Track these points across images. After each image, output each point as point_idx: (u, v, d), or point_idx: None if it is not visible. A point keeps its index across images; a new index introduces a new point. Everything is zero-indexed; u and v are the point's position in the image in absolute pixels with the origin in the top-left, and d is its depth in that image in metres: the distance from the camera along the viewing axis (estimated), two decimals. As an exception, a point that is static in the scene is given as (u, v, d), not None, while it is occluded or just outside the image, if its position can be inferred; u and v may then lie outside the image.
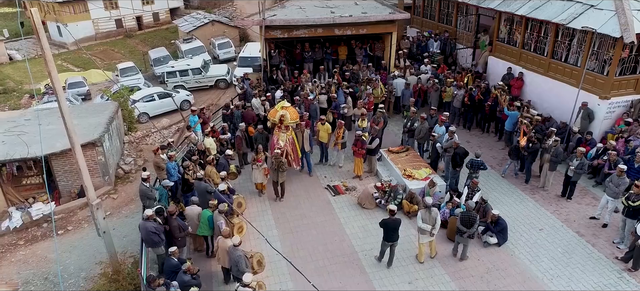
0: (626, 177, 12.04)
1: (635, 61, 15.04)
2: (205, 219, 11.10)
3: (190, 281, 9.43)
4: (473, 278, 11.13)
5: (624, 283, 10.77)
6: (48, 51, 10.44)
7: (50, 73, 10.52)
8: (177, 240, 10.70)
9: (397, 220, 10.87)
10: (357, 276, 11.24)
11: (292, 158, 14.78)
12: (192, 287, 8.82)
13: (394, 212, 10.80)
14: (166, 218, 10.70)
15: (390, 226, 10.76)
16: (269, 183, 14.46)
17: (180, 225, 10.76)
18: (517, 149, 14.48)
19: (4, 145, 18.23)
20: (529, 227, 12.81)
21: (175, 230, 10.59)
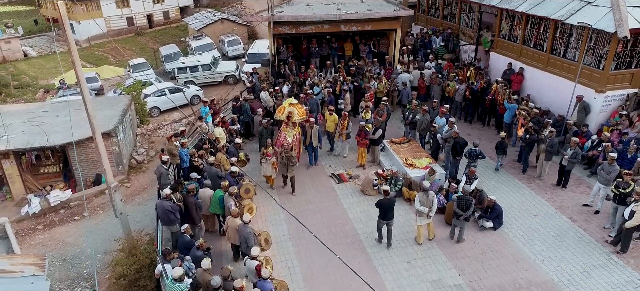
0: (616, 165, 12.57)
1: (630, 56, 15.57)
2: (216, 198, 11.83)
3: (202, 256, 10.13)
4: (469, 258, 11.75)
5: (611, 264, 11.34)
6: (72, 43, 11.14)
7: (74, 63, 11.21)
8: (193, 217, 11.42)
9: (392, 199, 11.59)
10: (359, 256, 11.90)
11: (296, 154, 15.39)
12: (204, 259, 9.50)
13: (388, 192, 11.53)
14: (184, 197, 11.42)
15: (385, 206, 11.48)
16: (278, 176, 15.11)
17: (196, 203, 11.48)
18: (503, 144, 14.98)
19: (24, 135, 19.07)
20: (524, 213, 13.42)
21: (192, 207, 11.33)
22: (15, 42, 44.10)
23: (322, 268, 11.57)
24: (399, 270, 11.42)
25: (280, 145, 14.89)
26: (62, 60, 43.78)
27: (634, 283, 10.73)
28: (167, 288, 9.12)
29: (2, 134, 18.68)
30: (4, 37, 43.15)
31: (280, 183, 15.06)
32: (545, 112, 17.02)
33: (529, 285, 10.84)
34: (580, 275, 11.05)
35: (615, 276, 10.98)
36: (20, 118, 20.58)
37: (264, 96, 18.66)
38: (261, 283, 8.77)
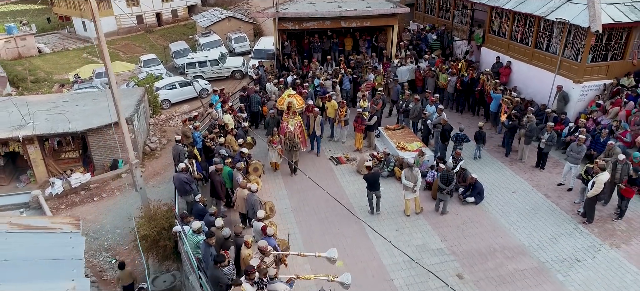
0: (584, 145, 13.97)
1: (606, 49, 16.94)
2: (225, 174, 13.31)
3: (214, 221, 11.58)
4: (451, 227, 13.18)
5: (577, 232, 12.74)
6: (102, 36, 12.63)
7: (104, 55, 12.70)
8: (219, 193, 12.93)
9: (376, 173, 13.20)
10: (353, 225, 13.35)
11: (300, 140, 16.80)
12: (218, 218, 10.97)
13: (371, 168, 13.20)
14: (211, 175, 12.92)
15: (370, 179, 13.18)
16: (284, 162, 16.51)
17: (222, 181, 12.97)
18: (481, 134, 16.32)
19: (48, 122, 20.63)
20: (503, 190, 14.82)
21: (217, 185, 12.84)
22: (30, 39, 45.82)
23: (320, 235, 13.02)
24: (388, 236, 12.80)
25: (283, 133, 16.30)
26: (74, 56, 45.68)
27: (595, 247, 12.13)
28: (188, 240, 10.61)
29: (28, 121, 20.21)
30: (19, 34, 44.85)
31: (287, 169, 16.40)
32: (529, 101, 18.41)
33: (503, 249, 12.25)
34: (548, 241, 12.46)
35: (580, 241, 12.38)
36: (43, 108, 22.14)
37: (269, 87, 20.12)
38: (266, 239, 10.20)
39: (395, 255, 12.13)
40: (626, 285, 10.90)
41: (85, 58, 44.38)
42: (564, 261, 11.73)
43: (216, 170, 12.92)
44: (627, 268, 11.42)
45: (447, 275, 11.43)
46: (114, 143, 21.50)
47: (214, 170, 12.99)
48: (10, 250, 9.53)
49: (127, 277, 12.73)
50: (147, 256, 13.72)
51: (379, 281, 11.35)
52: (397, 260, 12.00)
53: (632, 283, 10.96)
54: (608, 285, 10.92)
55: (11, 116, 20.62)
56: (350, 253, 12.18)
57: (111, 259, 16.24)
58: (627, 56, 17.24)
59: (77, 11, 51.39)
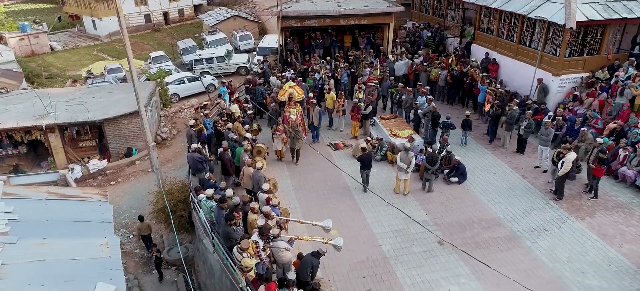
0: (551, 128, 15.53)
1: (582, 45, 18.42)
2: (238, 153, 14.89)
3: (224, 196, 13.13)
4: (435, 203, 14.71)
5: (548, 207, 14.26)
6: (125, 31, 14.19)
7: (127, 50, 14.27)
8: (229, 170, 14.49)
9: (369, 154, 14.71)
10: (348, 201, 14.90)
11: (301, 129, 18.31)
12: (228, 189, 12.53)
13: (365, 149, 14.66)
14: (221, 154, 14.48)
15: (364, 159, 14.73)
16: (287, 150, 17.97)
17: (230, 159, 14.53)
18: (468, 122, 17.81)
19: (67, 112, 22.26)
20: (485, 172, 16.34)
21: (227, 162, 14.41)
22: (43, 37, 47.50)
23: (318, 209, 14.55)
24: (378, 211, 14.37)
25: (286, 122, 17.82)
26: (85, 54, 47.34)
27: (562, 219, 13.64)
28: (203, 206, 12.18)
29: (49, 111, 21.84)
30: (32, 33, 46.56)
31: (289, 157, 17.88)
32: (513, 93, 19.88)
33: (480, 221, 13.77)
34: (521, 214, 13.98)
35: (549, 214, 13.89)
36: (63, 99, 23.78)
37: (272, 80, 21.66)
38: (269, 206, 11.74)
39: (384, 225, 13.69)
40: (585, 250, 12.40)
41: (96, 55, 46.03)
42: (533, 231, 13.25)
43: (224, 149, 14.46)
44: (588, 236, 12.93)
45: (429, 241, 12.96)
46: (129, 132, 23.18)
47: (222, 150, 14.53)
48: (51, 212, 11.15)
49: (146, 228, 14.63)
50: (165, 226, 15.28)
51: (369, 246, 12.89)
52: (385, 229, 13.54)
53: (590, 248, 12.46)
54: (570, 250, 12.43)
55: (34, 106, 22.28)
56: (344, 224, 13.70)
57: (129, 234, 17.84)
58: (603, 51, 18.72)
59: (87, 10, 53.06)
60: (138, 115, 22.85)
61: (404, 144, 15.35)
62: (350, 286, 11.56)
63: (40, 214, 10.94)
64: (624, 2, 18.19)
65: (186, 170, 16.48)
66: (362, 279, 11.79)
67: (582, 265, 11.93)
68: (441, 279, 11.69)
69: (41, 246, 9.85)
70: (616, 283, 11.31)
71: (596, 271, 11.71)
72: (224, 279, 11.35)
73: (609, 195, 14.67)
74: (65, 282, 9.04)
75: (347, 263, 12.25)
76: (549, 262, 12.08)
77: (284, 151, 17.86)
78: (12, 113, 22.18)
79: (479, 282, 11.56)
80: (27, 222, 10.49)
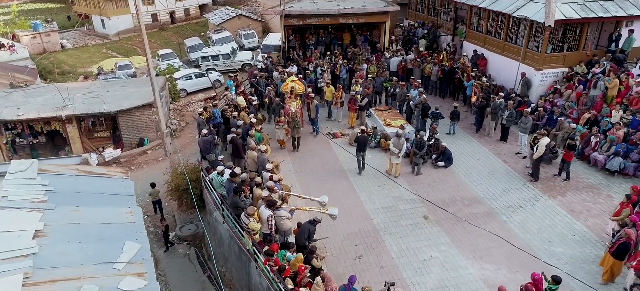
0: (530, 117, 17.00)
1: (562, 42, 19.89)
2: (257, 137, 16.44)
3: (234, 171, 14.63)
4: (423, 184, 16.22)
5: (525, 187, 15.76)
6: (143, 27, 15.75)
7: (145, 45, 15.82)
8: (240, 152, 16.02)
9: (365, 136, 16.23)
10: (343, 182, 16.43)
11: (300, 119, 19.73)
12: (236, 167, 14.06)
13: (364, 131, 16.11)
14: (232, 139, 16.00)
15: (361, 141, 16.19)
16: (289, 140, 19.43)
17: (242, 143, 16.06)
18: (456, 112, 19.30)
19: (84, 104, 23.87)
20: (470, 158, 17.84)
21: (240, 147, 15.92)
22: (54, 35, 49.18)
23: (316, 189, 16.00)
24: (371, 191, 15.91)
25: (287, 114, 19.31)
26: (95, 51, 48.98)
27: (536, 197, 15.14)
28: (214, 181, 13.73)
29: (68, 103, 23.44)
30: (44, 31, 48.27)
31: (291, 147, 19.32)
32: (500, 87, 21.36)
33: (462, 199, 15.29)
34: (499, 193, 15.49)
35: (525, 194, 15.40)
36: (79, 93, 25.39)
37: (275, 75, 23.18)
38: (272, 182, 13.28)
39: (376, 202, 15.24)
40: (554, 223, 13.90)
41: (105, 53, 47.66)
42: (509, 208, 14.76)
43: (236, 134, 15.99)
44: (557, 211, 14.43)
45: (416, 216, 14.49)
46: (141, 123, 24.77)
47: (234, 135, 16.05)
48: (81, 185, 12.74)
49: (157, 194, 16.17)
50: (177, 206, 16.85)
51: (362, 220, 14.42)
52: (376, 206, 15.08)
53: (559, 222, 13.96)
54: (540, 223, 13.93)
55: (54, 99, 23.88)
56: (340, 201, 15.18)
57: (144, 215, 19.39)
58: (581, 47, 20.18)
59: (96, 9, 54.70)
60: (150, 108, 24.60)
61: (396, 131, 16.86)
62: (344, 253, 13.09)
63: (72, 187, 12.51)
64: (601, 2, 19.64)
65: (195, 157, 18.06)
66: (354, 247, 13.32)
67: (550, 236, 13.43)
68: (424, 247, 13.21)
69: (75, 213, 11.41)
70: (578, 250, 12.80)
71: (562, 240, 13.21)
72: (232, 245, 12.91)
73: (580, 177, 16.14)
74: (98, 240, 10.60)
75: (341, 234, 13.78)
76: (521, 233, 13.59)
77: (285, 140, 19.36)
78: (33, 105, 23.79)
79: (457, 249, 13.07)
80: (61, 193, 12.04)
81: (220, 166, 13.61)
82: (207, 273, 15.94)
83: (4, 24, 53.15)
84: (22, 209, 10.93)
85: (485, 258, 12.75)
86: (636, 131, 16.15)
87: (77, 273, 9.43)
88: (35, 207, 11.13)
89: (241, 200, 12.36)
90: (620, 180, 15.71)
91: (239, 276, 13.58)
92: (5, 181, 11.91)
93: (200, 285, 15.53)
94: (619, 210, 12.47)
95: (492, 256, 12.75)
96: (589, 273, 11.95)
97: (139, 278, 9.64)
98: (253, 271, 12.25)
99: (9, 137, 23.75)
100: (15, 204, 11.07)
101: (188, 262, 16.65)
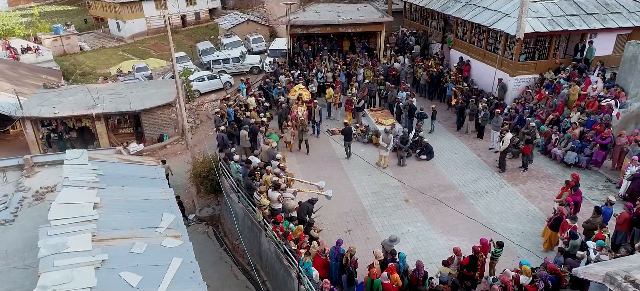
0: (500, 117, 19.78)
1: (533, 51, 22.67)
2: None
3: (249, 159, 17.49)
4: (406, 174, 19.05)
5: (493, 177, 18.56)
6: (169, 30, 18.62)
7: (171, 48, 18.72)
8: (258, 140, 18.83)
9: (350, 128, 19.43)
10: (339, 171, 19.32)
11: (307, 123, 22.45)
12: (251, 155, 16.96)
13: (347, 124, 19.14)
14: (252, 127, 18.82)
15: (346, 132, 19.39)
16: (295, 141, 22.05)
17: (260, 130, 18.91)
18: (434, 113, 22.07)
19: (111, 103, 26.85)
20: (449, 152, 20.66)
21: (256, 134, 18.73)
22: (74, 38, 52.38)
23: (315, 177, 18.88)
24: (362, 178, 18.76)
25: (294, 118, 21.95)
26: (112, 54, 52.03)
27: (501, 185, 17.95)
28: (231, 167, 16.65)
29: (98, 103, 26.42)
30: (64, 34, 51.44)
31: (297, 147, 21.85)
32: (480, 90, 24.13)
33: (438, 186, 18.11)
34: (471, 181, 18.30)
35: (492, 182, 18.21)
36: (106, 93, 28.39)
37: (282, 79, 26.06)
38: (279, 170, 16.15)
39: (365, 188, 18.12)
40: (512, 205, 16.72)
41: (122, 55, 50.73)
42: (477, 193, 17.58)
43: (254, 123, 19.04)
44: (517, 196, 17.24)
45: (398, 199, 17.34)
46: (161, 121, 27.74)
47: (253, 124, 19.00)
48: (124, 170, 15.67)
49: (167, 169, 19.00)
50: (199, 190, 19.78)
51: (353, 202, 17.29)
52: (366, 191, 17.95)
53: (517, 204, 16.78)
54: (501, 206, 16.74)
55: (85, 99, 26.88)
56: (334, 186, 17.95)
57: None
58: (551, 56, 22.94)
59: (112, 13, 57.83)
60: (169, 107, 27.57)
61: (384, 129, 19.73)
62: (337, 227, 15.96)
63: (116, 171, 15.42)
64: (567, 16, 22.35)
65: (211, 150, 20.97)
66: (345, 223, 16.20)
67: (508, 215, 16.25)
68: (403, 223, 16.07)
69: (122, 191, 14.32)
70: (529, 227, 15.61)
71: (517, 219, 16.03)
72: (246, 220, 15.83)
73: (541, 169, 18.91)
74: (142, 212, 13.50)
75: (335, 213, 16.64)
76: (484, 213, 16.41)
77: (292, 142, 21.97)
78: (66, 104, 26.79)
79: (430, 225, 15.92)
80: (109, 176, 14.95)
81: (237, 155, 16.53)
82: (224, 246, 18.84)
83: (25, 26, 56.31)
84: (81, 187, 13.86)
85: (452, 232, 15.57)
86: (590, 130, 18.88)
87: (130, 234, 12.31)
88: (90, 185, 14.05)
89: (253, 182, 15.26)
90: (575, 171, 18.41)
91: (251, 246, 16.46)
92: (65, 166, 14.85)
93: (218, 256, 18.43)
94: (561, 193, 15.29)
95: (458, 231, 15.56)
96: (535, 243, 14.76)
97: (176, 240, 12.53)
98: (263, 240, 15.16)
99: (44, 133, 26.78)
100: (75, 183, 13.99)
101: (207, 238, 19.55)
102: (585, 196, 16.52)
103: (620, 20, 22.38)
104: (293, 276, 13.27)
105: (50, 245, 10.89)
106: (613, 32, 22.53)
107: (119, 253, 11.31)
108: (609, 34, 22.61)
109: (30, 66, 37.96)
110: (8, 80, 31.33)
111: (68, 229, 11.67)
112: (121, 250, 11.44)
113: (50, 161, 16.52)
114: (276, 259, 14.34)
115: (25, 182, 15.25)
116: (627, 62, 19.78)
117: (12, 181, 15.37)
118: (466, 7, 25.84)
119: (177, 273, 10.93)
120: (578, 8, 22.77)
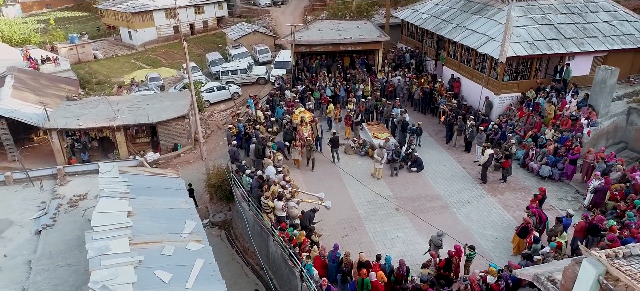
0: (484, 134, 22.00)
1: (516, 72, 24.89)
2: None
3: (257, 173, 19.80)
4: (398, 184, 21.31)
5: (475, 188, 20.79)
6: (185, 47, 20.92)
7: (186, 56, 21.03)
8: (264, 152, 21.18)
9: (337, 137, 22.12)
10: (338, 182, 21.58)
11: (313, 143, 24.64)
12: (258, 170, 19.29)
13: (335, 133, 21.48)
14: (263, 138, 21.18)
15: (334, 140, 22.01)
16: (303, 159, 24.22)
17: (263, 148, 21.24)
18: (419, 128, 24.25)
19: (130, 116, 29.20)
20: (438, 165, 22.90)
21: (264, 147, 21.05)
22: (88, 47, 54.81)
23: (316, 188, 21.19)
24: (358, 188, 21.02)
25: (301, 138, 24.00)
26: (124, 62, 54.44)
27: (482, 196, 20.17)
28: (243, 179, 18.95)
29: (117, 115, 28.78)
30: (79, 43, 53.92)
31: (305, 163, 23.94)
32: (469, 107, 26.33)
33: (426, 196, 20.37)
34: (455, 192, 20.54)
35: (474, 193, 20.44)
36: (124, 105, 30.75)
37: (287, 93, 28.37)
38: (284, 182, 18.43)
39: (361, 197, 20.39)
40: (490, 214, 18.95)
41: (134, 64, 53.11)
42: (460, 203, 19.82)
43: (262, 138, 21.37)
44: (495, 206, 19.48)
45: (389, 208, 19.60)
46: (176, 131, 30.06)
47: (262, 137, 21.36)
48: (150, 182, 17.99)
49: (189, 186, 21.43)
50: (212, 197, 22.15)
51: (350, 210, 19.57)
52: (361, 200, 20.23)
53: (494, 213, 19.01)
54: (480, 214, 18.98)
55: (106, 111, 29.24)
56: (333, 196, 20.24)
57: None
58: (532, 76, 25.15)
59: (123, 22, 60.27)
60: (183, 119, 29.90)
61: (379, 143, 22.02)
62: (335, 233, 18.23)
63: (143, 183, 17.74)
64: (547, 41, 24.55)
65: (222, 160, 23.30)
66: (342, 229, 18.47)
67: (485, 223, 18.49)
68: (393, 229, 18.33)
69: (149, 201, 16.63)
70: (503, 233, 17.82)
71: (492, 226, 18.28)
72: (255, 226, 18.15)
73: (519, 181, 21.13)
74: (168, 219, 15.81)
75: (333, 220, 18.91)
76: (465, 221, 18.66)
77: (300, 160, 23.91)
78: (89, 117, 29.14)
79: (417, 231, 18.17)
80: (137, 187, 17.27)
81: (248, 169, 18.90)
82: (235, 248, 21.17)
83: (40, 34, 58.80)
84: (115, 198, 16.19)
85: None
86: (562, 146, 21.06)
87: (159, 238, 14.63)
88: (123, 196, 16.38)
89: (262, 192, 17.59)
90: (548, 184, 20.64)
91: (260, 249, 18.76)
92: (100, 178, 17.19)
93: (230, 257, 20.77)
94: (530, 204, 17.50)
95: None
96: (506, 248, 16.99)
97: (198, 243, 14.84)
98: (271, 244, 17.47)
99: (69, 142, 29.17)
100: (110, 194, 16.34)
101: (220, 241, 21.88)
102: (555, 206, 18.79)
103: (596, 44, 24.57)
104: (296, 275, 15.56)
105: (96, 248, 13.20)
106: (589, 55, 24.71)
107: (152, 254, 13.60)
108: (586, 57, 24.81)
109: (50, 76, 40.32)
110: (32, 90, 33.76)
111: (109, 234, 13.98)
112: (153, 252, 13.73)
113: (79, 171, 18.92)
114: (282, 260, 16.64)
115: (59, 190, 17.59)
116: (597, 85, 21.99)
117: (48, 189, 17.74)
118: (457, 29, 28.08)
119: (201, 271, 13.23)
120: (557, 32, 24.97)
